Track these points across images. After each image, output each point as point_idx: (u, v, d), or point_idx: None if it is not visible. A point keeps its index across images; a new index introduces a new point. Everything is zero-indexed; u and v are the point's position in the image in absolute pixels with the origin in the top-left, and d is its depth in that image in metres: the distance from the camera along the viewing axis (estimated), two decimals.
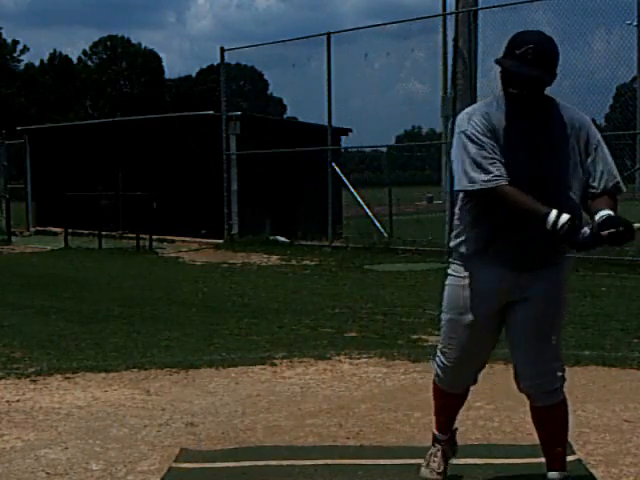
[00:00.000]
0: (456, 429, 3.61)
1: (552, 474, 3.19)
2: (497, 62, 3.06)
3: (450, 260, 3.35)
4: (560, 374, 3.18)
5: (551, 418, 3.19)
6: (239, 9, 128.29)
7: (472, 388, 3.51)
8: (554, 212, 2.88)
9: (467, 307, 3.23)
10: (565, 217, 2.87)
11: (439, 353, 3.41)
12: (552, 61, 3.06)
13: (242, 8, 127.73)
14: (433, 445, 3.54)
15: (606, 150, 3.15)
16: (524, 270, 3.12)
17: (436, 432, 3.55)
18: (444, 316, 3.34)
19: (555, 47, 3.07)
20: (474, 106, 3.25)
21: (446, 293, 3.33)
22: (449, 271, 3.33)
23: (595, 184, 3.10)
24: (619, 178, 3.16)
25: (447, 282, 3.33)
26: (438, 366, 3.42)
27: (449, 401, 3.50)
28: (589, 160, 3.11)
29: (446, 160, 13.50)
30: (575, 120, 3.13)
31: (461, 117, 3.16)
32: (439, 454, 3.50)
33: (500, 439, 4.06)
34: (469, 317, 3.23)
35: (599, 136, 3.16)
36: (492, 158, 3.01)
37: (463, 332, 3.27)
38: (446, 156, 13.52)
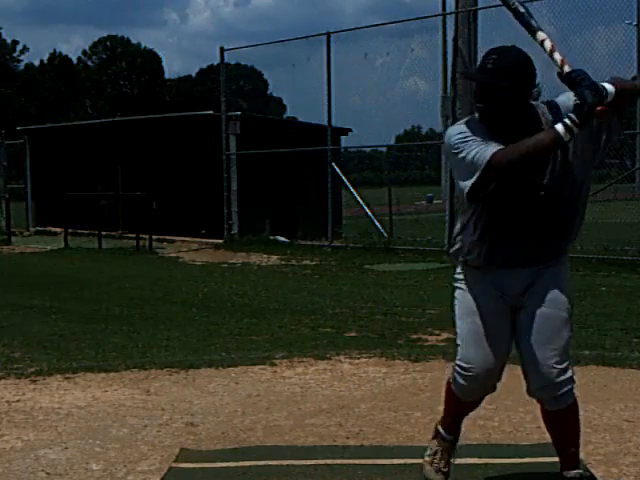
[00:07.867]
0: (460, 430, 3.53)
1: (569, 473, 3.17)
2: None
3: (456, 266, 3.30)
4: (566, 377, 3.10)
5: (563, 421, 3.16)
6: (237, 7, 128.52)
7: None
8: (558, 125, 2.83)
9: (480, 313, 3.17)
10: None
11: (459, 364, 3.24)
12: (515, 71, 2.92)
13: (241, 6, 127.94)
14: (437, 443, 3.43)
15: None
16: (526, 267, 3.11)
17: (443, 431, 3.44)
18: (460, 323, 3.23)
19: (520, 58, 2.95)
20: (455, 125, 3.19)
21: (457, 300, 3.26)
22: (456, 276, 3.28)
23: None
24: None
25: (456, 288, 3.27)
26: (460, 375, 3.24)
27: (466, 407, 3.42)
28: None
29: (446, 160, 13.51)
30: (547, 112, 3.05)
31: (447, 134, 3.13)
32: (444, 453, 3.42)
33: (500, 439, 4.06)
34: (484, 322, 3.17)
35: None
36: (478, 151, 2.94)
37: (481, 338, 3.17)
38: (446, 156, 13.53)
